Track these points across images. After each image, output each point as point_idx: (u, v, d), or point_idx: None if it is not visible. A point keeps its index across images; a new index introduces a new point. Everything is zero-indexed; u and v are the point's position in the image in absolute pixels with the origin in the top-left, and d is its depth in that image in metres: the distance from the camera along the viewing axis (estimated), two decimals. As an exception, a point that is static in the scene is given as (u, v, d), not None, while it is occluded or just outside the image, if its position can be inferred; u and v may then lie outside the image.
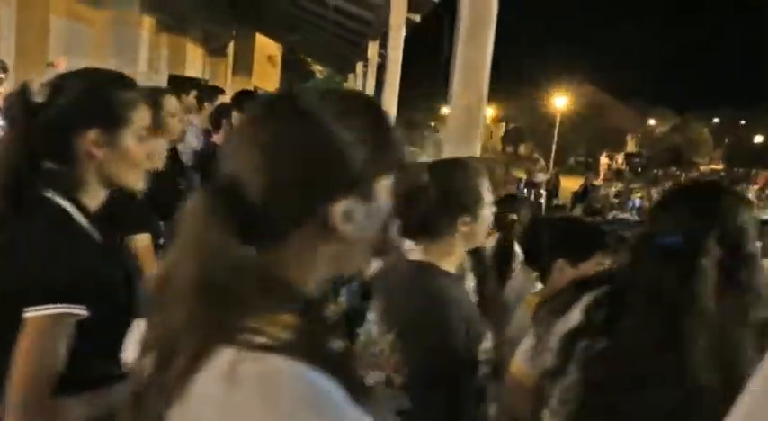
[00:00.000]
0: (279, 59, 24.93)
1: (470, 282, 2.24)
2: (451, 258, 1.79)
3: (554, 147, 33.29)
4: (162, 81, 9.69)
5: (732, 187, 1.43)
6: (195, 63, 12.02)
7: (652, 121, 56.18)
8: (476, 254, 2.31)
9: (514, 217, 2.69)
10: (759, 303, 1.31)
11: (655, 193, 15.69)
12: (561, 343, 1.38)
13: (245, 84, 19.31)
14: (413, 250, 1.81)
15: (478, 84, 3.08)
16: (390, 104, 6.97)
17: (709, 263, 1.28)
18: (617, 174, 32.45)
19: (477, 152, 3.15)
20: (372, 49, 10.15)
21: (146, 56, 9.08)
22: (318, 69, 32.97)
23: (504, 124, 56.88)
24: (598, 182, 18.18)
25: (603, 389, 1.31)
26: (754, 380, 0.80)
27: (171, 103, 2.97)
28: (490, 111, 68.33)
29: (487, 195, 1.79)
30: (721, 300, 1.28)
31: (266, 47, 21.27)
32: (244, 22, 16.65)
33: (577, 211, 17.04)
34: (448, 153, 3.15)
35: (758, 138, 52.38)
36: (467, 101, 3.09)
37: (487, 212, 1.80)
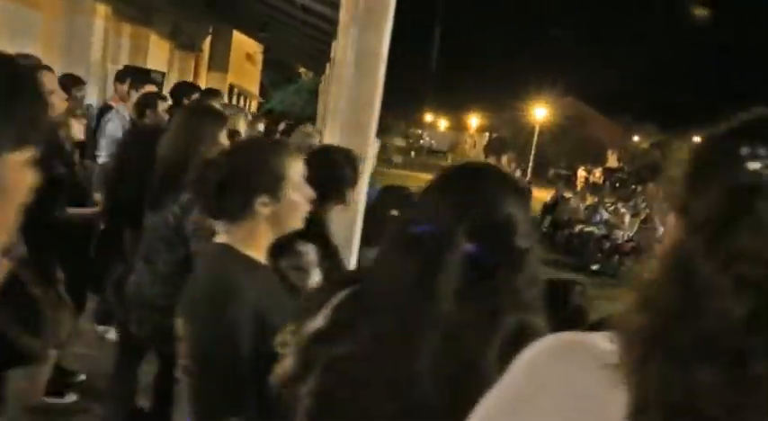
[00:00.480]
0: (259, 58, 24.83)
1: (315, 277, 2.11)
2: (256, 242, 1.68)
3: (531, 157, 33.34)
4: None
5: (509, 174, 1.12)
6: (159, 56, 11.83)
7: (636, 137, 56.55)
8: (325, 247, 2.19)
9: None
10: (519, 307, 1.10)
11: (623, 208, 15.62)
12: (301, 347, 1.23)
13: (221, 80, 19.26)
14: (220, 233, 1.70)
15: (374, 72, 2.98)
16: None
17: (454, 258, 1.08)
18: (593, 188, 32.52)
19: (369, 140, 3.04)
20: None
21: (99, 45, 8.90)
22: (304, 71, 32.82)
23: (487, 134, 57.05)
24: (569, 194, 18.10)
25: (332, 398, 1.14)
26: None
27: (48, 78, 2.89)
28: (475, 121, 68.82)
29: (296, 177, 1.68)
30: (464, 302, 1.07)
31: (245, 44, 21.19)
32: (221, 19, 16.56)
33: (546, 223, 17.01)
34: (342, 142, 3.05)
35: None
36: (360, 90, 2.98)
37: (296, 196, 1.68)
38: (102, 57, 9.09)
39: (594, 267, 13.21)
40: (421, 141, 71.35)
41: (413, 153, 62.39)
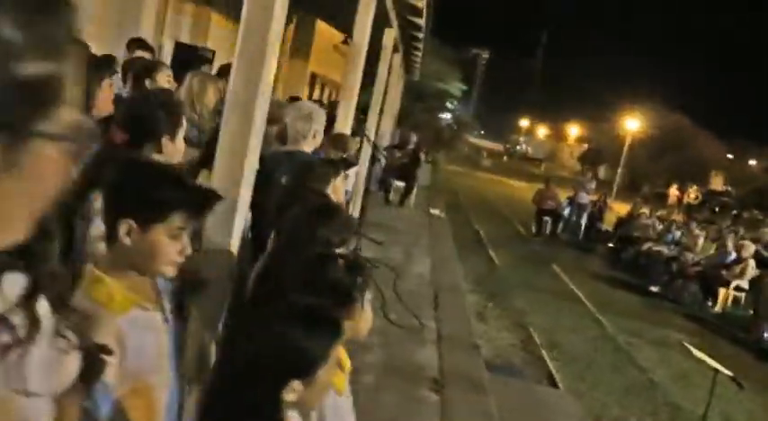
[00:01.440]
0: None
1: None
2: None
3: (621, 170, 31.86)
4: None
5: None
6: (223, 37, 11.92)
7: (753, 161, 52.94)
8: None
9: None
10: None
11: (697, 229, 14.52)
12: None
13: (302, 68, 19.43)
14: None
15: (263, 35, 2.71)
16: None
17: None
18: (687, 209, 30.72)
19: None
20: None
21: (150, 22, 9.00)
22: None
23: (586, 145, 55.33)
24: (644, 210, 17.06)
25: None
26: None
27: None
28: (574, 131, 67.06)
29: None
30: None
31: (334, 36, 21.24)
32: (307, 8, 16.69)
33: (615, 238, 16.10)
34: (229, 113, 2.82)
35: None
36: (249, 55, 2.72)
37: None
38: (158, 33, 9.18)
39: (654, 289, 12.32)
40: (518, 147, 70.13)
41: (505, 157, 61.50)
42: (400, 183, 13.58)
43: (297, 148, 3.90)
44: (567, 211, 17.10)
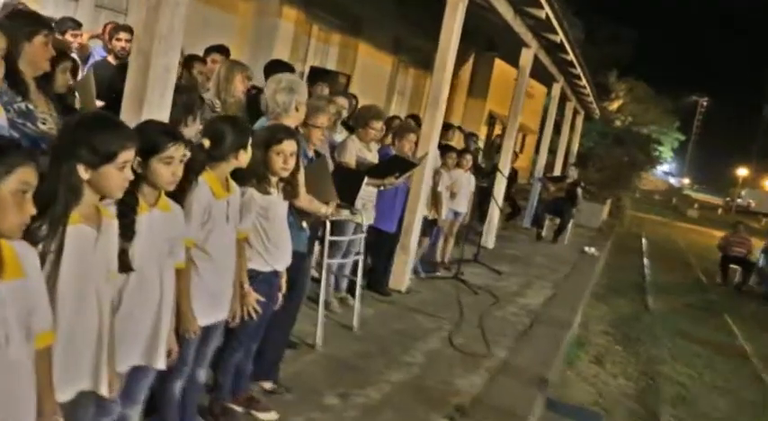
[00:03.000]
0: (541, 91, 24.18)
1: None
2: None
3: None
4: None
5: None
6: (374, 68, 12.06)
7: None
8: None
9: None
10: None
11: None
12: None
13: (479, 107, 19.16)
14: None
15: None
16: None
17: None
18: None
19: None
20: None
21: (285, 46, 9.28)
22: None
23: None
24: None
25: None
26: None
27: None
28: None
29: None
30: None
31: (513, 73, 20.72)
32: (484, 47, 16.59)
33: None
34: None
35: None
36: None
37: None
38: (293, 58, 9.45)
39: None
40: (738, 199, 63.27)
41: (720, 210, 55.68)
42: (555, 219, 12.62)
43: (277, 122, 3.59)
44: (761, 261, 14.79)
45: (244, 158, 2.80)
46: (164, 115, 2.92)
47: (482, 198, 9.76)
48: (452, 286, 7.15)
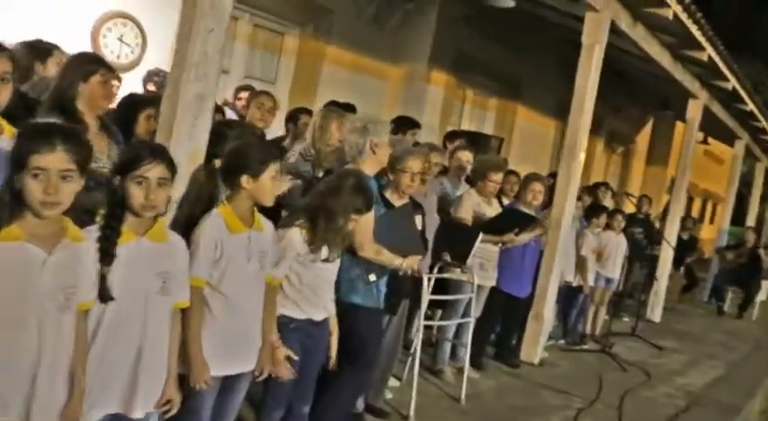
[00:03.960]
0: (730, 155, 21.97)
1: None
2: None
3: None
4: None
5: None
6: (538, 133, 11.60)
7: None
8: None
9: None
10: None
11: None
12: None
13: (659, 174, 17.72)
14: None
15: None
16: None
17: None
18: None
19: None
20: None
21: (435, 110, 9.17)
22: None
23: None
24: None
25: None
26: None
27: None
28: None
29: None
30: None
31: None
32: (658, 106, 15.47)
33: None
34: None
35: None
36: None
37: None
38: (444, 123, 9.31)
39: None
40: None
41: None
42: (738, 292, 11.01)
43: (354, 167, 3.31)
44: None
45: (266, 187, 2.52)
46: (194, 145, 2.77)
47: (652, 268, 8.77)
48: (598, 360, 6.31)
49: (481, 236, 4.65)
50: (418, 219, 3.99)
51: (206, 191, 2.55)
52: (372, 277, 3.23)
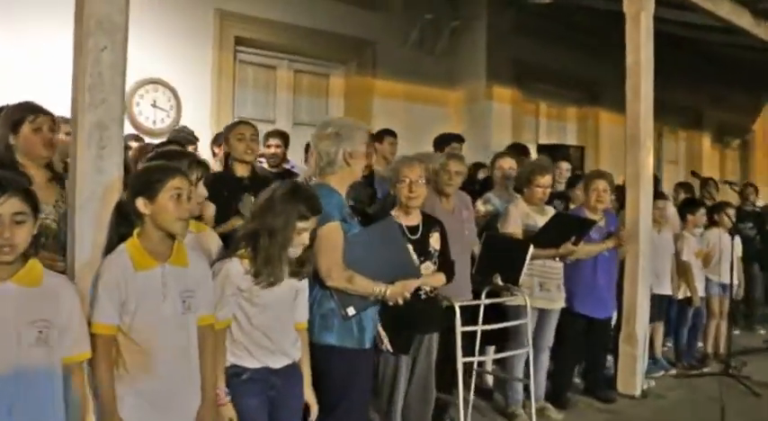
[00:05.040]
0: None
1: None
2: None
3: None
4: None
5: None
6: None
7: None
8: None
9: None
10: None
11: None
12: None
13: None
14: None
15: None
16: None
17: None
18: None
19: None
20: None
21: (505, 127, 8.43)
22: None
23: None
24: None
25: None
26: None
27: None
28: None
29: None
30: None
31: None
32: None
33: None
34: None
35: None
36: None
37: None
38: (516, 139, 8.53)
39: None
40: None
41: None
42: None
43: (323, 182, 2.70)
44: None
45: (166, 208, 2.08)
46: (106, 178, 2.30)
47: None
48: (720, 385, 5.13)
49: (532, 249, 3.85)
50: (436, 238, 3.30)
51: (114, 229, 2.11)
52: (351, 311, 2.56)
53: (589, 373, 4.72)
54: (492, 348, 4.46)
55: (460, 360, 3.43)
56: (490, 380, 4.68)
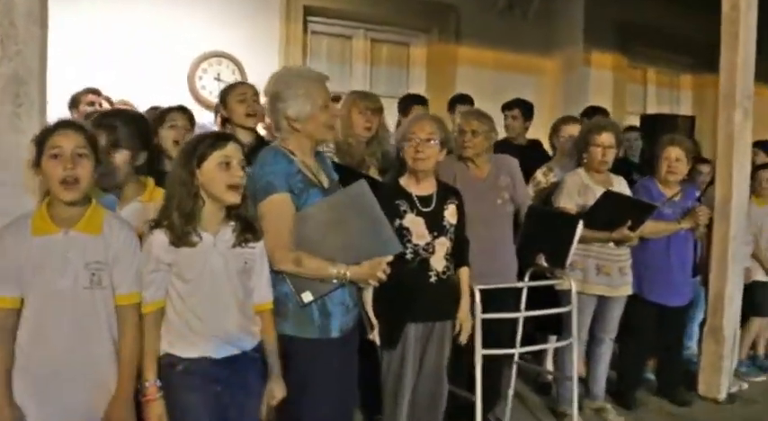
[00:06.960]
0: None
1: None
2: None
3: None
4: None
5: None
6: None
7: None
8: None
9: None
10: None
11: None
12: None
13: None
14: None
15: None
16: None
17: None
18: None
19: None
20: None
21: (606, 95, 7.58)
22: None
23: None
24: None
25: None
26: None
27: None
28: None
29: None
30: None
31: None
32: None
33: None
34: None
35: None
36: None
37: None
38: (618, 110, 7.67)
39: None
40: None
41: None
42: None
43: (277, 145, 2.31)
44: None
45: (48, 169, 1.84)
46: (24, 139, 2.04)
47: None
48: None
49: (581, 227, 3.25)
50: (451, 210, 2.83)
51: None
52: (307, 297, 2.15)
53: (662, 372, 4.02)
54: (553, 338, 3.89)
55: (479, 352, 2.93)
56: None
